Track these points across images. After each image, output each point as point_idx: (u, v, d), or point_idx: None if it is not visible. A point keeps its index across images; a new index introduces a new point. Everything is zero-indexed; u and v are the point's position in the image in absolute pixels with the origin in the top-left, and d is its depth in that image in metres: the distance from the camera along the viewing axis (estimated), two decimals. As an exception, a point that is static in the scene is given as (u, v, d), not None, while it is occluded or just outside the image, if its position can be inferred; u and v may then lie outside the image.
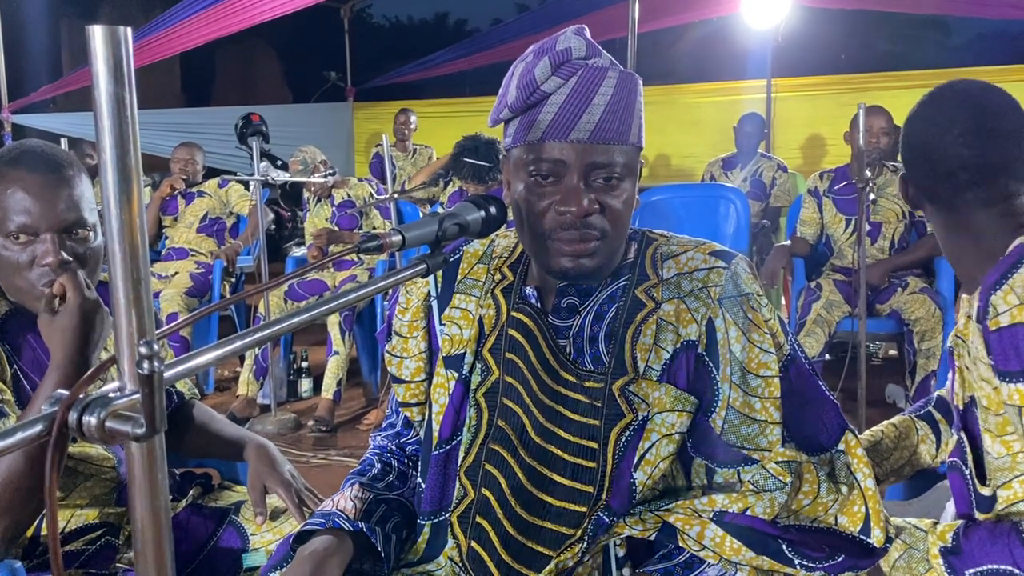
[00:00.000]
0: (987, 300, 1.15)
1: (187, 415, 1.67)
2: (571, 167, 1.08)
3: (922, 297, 3.48)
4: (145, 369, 0.55)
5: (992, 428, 1.18)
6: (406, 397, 1.27)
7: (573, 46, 1.08)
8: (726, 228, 4.11)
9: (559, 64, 1.07)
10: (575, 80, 1.07)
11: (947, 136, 1.25)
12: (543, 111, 1.08)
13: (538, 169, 1.09)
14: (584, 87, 1.07)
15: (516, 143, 1.12)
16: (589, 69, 1.07)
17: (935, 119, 1.28)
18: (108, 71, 0.56)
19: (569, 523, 1.11)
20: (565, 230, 1.09)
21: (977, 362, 1.20)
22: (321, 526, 1.14)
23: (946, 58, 14.09)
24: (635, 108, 1.11)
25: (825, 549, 1.05)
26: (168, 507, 0.63)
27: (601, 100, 1.07)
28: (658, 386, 1.10)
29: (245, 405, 4.07)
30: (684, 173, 7.32)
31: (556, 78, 1.07)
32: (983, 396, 1.19)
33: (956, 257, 1.33)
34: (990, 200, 1.25)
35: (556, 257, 1.10)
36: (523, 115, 1.10)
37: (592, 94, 1.07)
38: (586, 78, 1.07)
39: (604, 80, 1.07)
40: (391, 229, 0.92)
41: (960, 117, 1.26)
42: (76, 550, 1.44)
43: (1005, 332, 1.12)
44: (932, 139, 1.27)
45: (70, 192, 1.37)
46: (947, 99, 1.29)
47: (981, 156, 1.24)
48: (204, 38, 6.34)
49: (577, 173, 1.08)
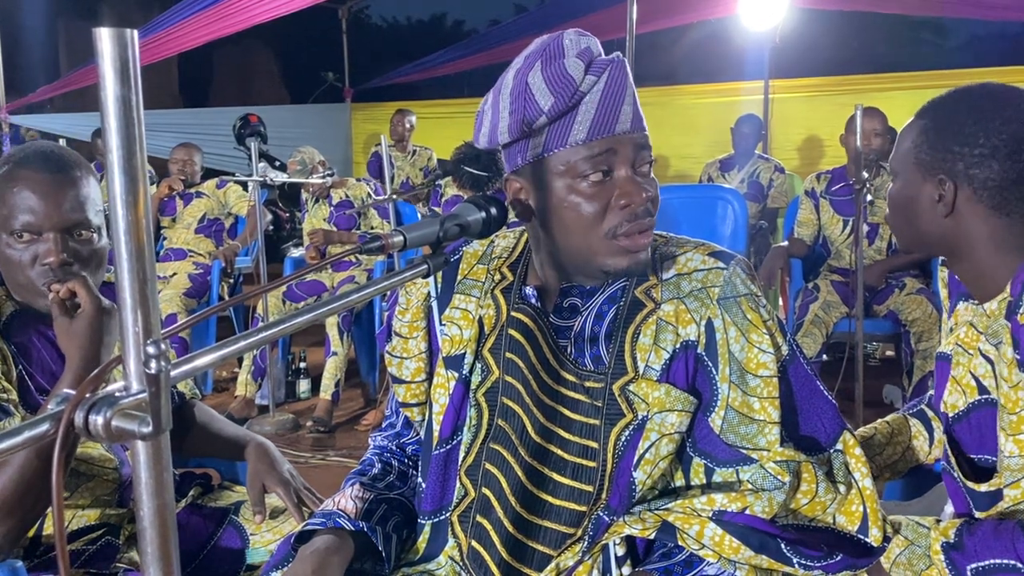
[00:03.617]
0: (1020, 293, 1.14)
1: (188, 415, 1.67)
2: (621, 159, 1.09)
3: (919, 298, 3.49)
4: (152, 368, 0.55)
5: (1007, 427, 1.18)
6: (406, 397, 1.28)
7: (591, 45, 1.10)
8: (723, 229, 4.11)
9: (589, 63, 1.08)
10: (606, 75, 1.08)
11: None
12: (581, 111, 1.07)
13: (591, 167, 1.08)
14: (616, 81, 1.08)
15: (552, 149, 1.09)
16: (615, 63, 1.09)
17: (1018, 119, 1.17)
18: (115, 73, 0.57)
19: (569, 522, 1.11)
20: (631, 222, 1.09)
21: (998, 362, 1.20)
22: (322, 526, 1.14)
23: (943, 60, 14.12)
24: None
25: (823, 548, 1.05)
26: (173, 505, 0.63)
27: (631, 91, 1.10)
28: (658, 386, 1.10)
29: (243, 406, 4.07)
30: (682, 174, 7.33)
31: (591, 76, 1.08)
32: (1001, 395, 1.19)
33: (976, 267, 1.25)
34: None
35: (615, 256, 1.10)
36: (556, 121, 1.09)
37: (625, 86, 1.09)
38: (615, 72, 1.09)
39: (627, 71, 1.11)
40: (392, 230, 0.93)
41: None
42: (77, 550, 1.44)
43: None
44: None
45: (75, 192, 1.38)
46: (1020, 100, 1.20)
47: None
48: (202, 39, 6.34)
49: (628, 164, 1.09)
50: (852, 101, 3.02)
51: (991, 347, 1.22)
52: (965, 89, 1.25)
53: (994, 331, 1.22)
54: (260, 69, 14.95)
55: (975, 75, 6.44)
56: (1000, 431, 1.20)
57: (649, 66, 8.61)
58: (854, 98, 3.44)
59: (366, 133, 8.98)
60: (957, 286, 1.38)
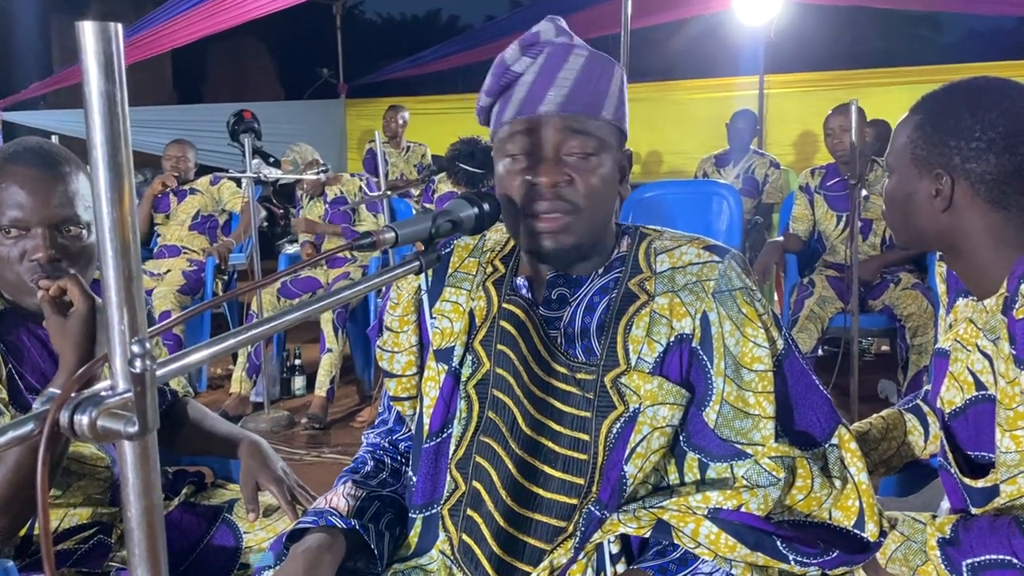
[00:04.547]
0: (1016, 289, 1.14)
1: (180, 413, 1.66)
2: (542, 140, 1.10)
3: (914, 293, 3.49)
4: (137, 367, 0.54)
5: (1003, 423, 1.18)
6: (397, 391, 1.27)
7: (542, 30, 1.13)
8: (719, 225, 4.11)
9: (528, 45, 1.12)
10: (542, 58, 1.11)
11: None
12: (515, 91, 1.12)
13: (513, 147, 1.11)
14: (551, 64, 1.11)
15: (495, 127, 1.16)
16: (555, 47, 1.11)
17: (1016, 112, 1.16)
18: (99, 68, 0.56)
19: (560, 515, 1.11)
20: (537, 203, 1.10)
21: (996, 358, 1.20)
22: (314, 524, 1.14)
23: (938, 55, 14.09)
24: (609, 88, 1.12)
25: (819, 544, 1.05)
26: (161, 506, 0.62)
27: (568, 75, 1.10)
28: (650, 379, 1.10)
29: (238, 403, 4.06)
30: (677, 170, 7.33)
31: (525, 58, 1.12)
32: (997, 391, 1.19)
33: (974, 262, 1.24)
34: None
35: (535, 237, 1.12)
36: (498, 99, 1.14)
37: (558, 69, 1.10)
38: (553, 55, 1.11)
39: (570, 56, 1.11)
40: (384, 226, 0.92)
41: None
42: (69, 549, 1.44)
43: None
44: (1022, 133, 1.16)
45: (64, 188, 1.37)
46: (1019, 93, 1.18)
47: None
48: (196, 35, 6.32)
49: (549, 146, 1.10)
50: (847, 96, 3.02)
51: (989, 343, 1.22)
52: (961, 83, 1.24)
53: (992, 327, 1.21)
54: (254, 65, 14.90)
55: (971, 70, 6.42)
56: (997, 427, 1.19)
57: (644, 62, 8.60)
58: (849, 93, 3.45)
59: (361, 129, 8.96)
60: (956, 282, 1.37)
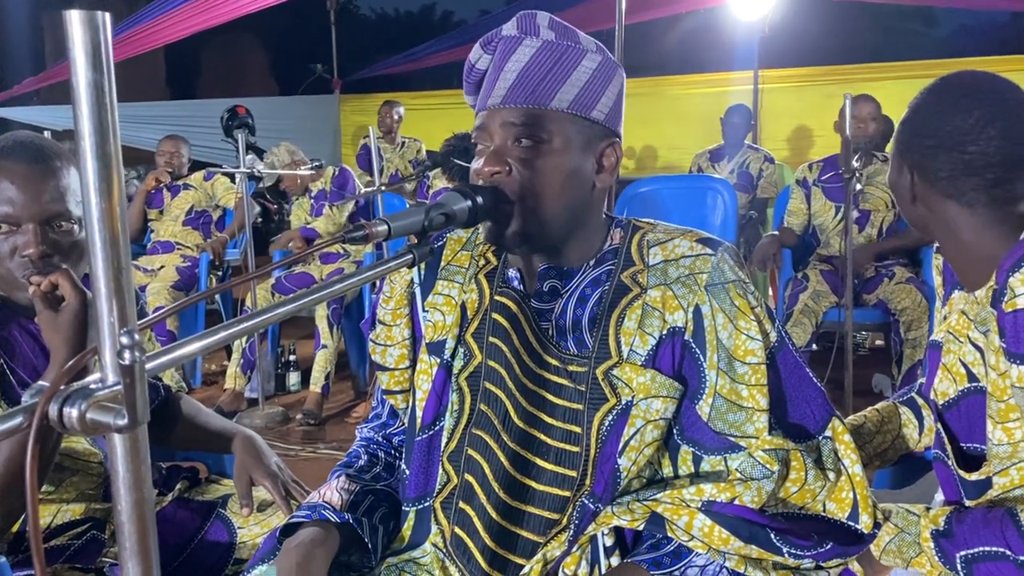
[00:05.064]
0: (1005, 282, 1.14)
1: (174, 408, 1.66)
2: (490, 132, 1.12)
3: (908, 287, 3.50)
4: (126, 359, 0.54)
5: (995, 415, 1.18)
6: (390, 385, 1.27)
7: (505, 26, 1.14)
8: (713, 219, 4.12)
9: (487, 42, 1.14)
10: (497, 53, 1.13)
11: (990, 129, 1.19)
12: (481, 88, 1.15)
13: (475, 140, 1.14)
14: (500, 57, 1.13)
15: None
16: (504, 40, 1.13)
17: (972, 110, 1.21)
18: (86, 57, 0.55)
19: (553, 508, 1.11)
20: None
21: (987, 350, 1.20)
22: (307, 518, 1.14)
23: (931, 49, 14.13)
24: (569, 77, 1.10)
25: (813, 536, 1.05)
26: (152, 500, 0.62)
27: (514, 66, 1.10)
28: (643, 371, 1.10)
29: (233, 399, 4.05)
30: (672, 165, 7.33)
31: (485, 55, 1.15)
32: (988, 383, 1.20)
33: (961, 254, 1.28)
34: (1009, 198, 1.21)
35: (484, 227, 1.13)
36: (475, 99, 1.18)
37: (505, 62, 1.11)
38: (502, 49, 1.12)
39: (518, 48, 1.11)
40: (377, 219, 0.92)
41: (1003, 112, 1.20)
42: (62, 545, 1.43)
43: (1021, 314, 1.11)
44: (971, 132, 1.20)
45: (56, 183, 1.36)
46: (984, 92, 1.23)
47: (1018, 153, 1.20)
48: (189, 30, 6.30)
49: (498, 137, 1.11)
50: (841, 91, 3.02)
51: (980, 335, 1.22)
52: (942, 79, 1.28)
53: (982, 319, 1.22)
54: (248, 60, 14.86)
55: (964, 64, 6.43)
56: (988, 419, 1.19)
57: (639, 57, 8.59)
58: (843, 88, 3.45)
59: (355, 124, 8.94)
60: (951, 274, 1.38)
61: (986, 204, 1.22)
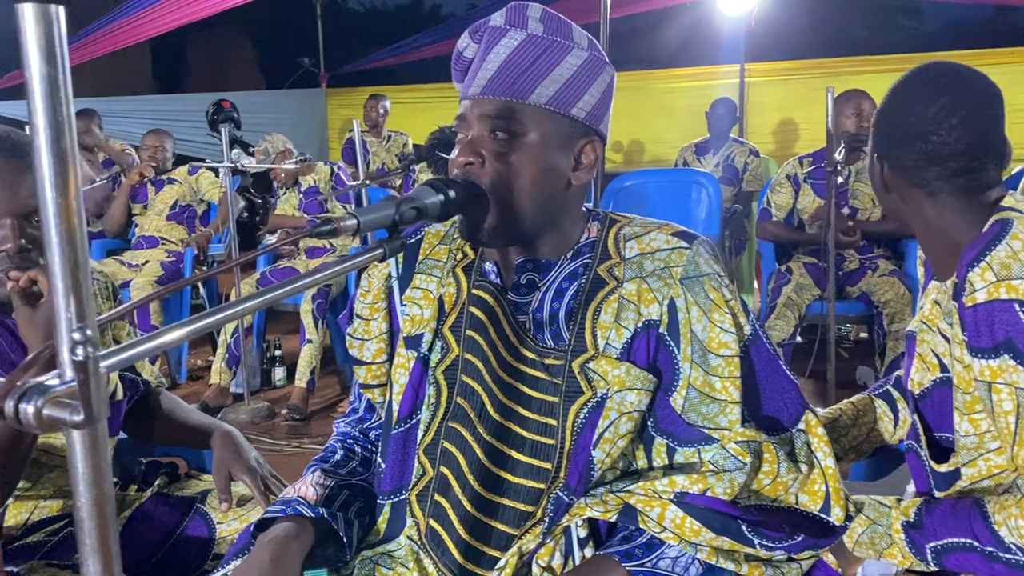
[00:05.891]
0: (964, 277, 1.15)
1: (153, 403, 1.65)
2: (468, 122, 1.12)
3: (891, 279, 3.51)
4: (79, 355, 0.54)
5: (961, 407, 1.19)
6: (367, 379, 1.27)
7: (494, 15, 1.13)
8: (698, 213, 4.12)
9: (474, 31, 1.14)
10: (483, 42, 1.12)
11: (951, 119, 1.21)
12: (466, 77, 1.15)
13: (456, 129, 1.14)
14: (484, 47, 1.12)
15: None
16: (490, 30, 1.12)
17: (935, 100, 1.23)
18: (39, 51, 0.55)
19: (528, 500, 1.11)
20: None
21: (952, 342, 1.21)
22: (282, 513, 1.13)
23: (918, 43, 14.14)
24: (551, 73, 1.09)
25: (785, 528, 1.05)
26: (112, 497, 0.62)
27: (496, 57, 1.10)
28: (618, 364, 1.10)
29: (218, 394, 4.05)
30: (658, 159, 7.33)
31: (472, 43, 1.14)
32: (955, 375, 1.20)
33: (931, 243, 1.31)
34: (975, 187, 1.23)
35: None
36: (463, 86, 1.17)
37: (488, 52, 1.11)
38: (487, 38, 1.12)
39: (502, 39, 1.10)
40: (346, 213, 0.91)
41: (965, 102, 1.22)
42: (39, 541, 1.43)
43: (981, 309, 1.12)
44: (933, 122, 1.22)
45: (33, 178, 1.34)
46: (947, 82, 1.24)
47: (981, 143, 1.22)
48: (175, 23, 6.26)
49: (475, 127, 1.11)
50: (827, 84, 3.02)
51: (947, 326, 1.23)
52: (912, 70, 1.31)
53: (948, 310, 1.22)
54: (235, 54, 14.78)
55: (949, 58, 6.46)
56: (955, 411, 1.20)
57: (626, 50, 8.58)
58: (829, 81, 3.44)
59: (342, 118, 8.91)
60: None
61: (950, 193, 1.24)
